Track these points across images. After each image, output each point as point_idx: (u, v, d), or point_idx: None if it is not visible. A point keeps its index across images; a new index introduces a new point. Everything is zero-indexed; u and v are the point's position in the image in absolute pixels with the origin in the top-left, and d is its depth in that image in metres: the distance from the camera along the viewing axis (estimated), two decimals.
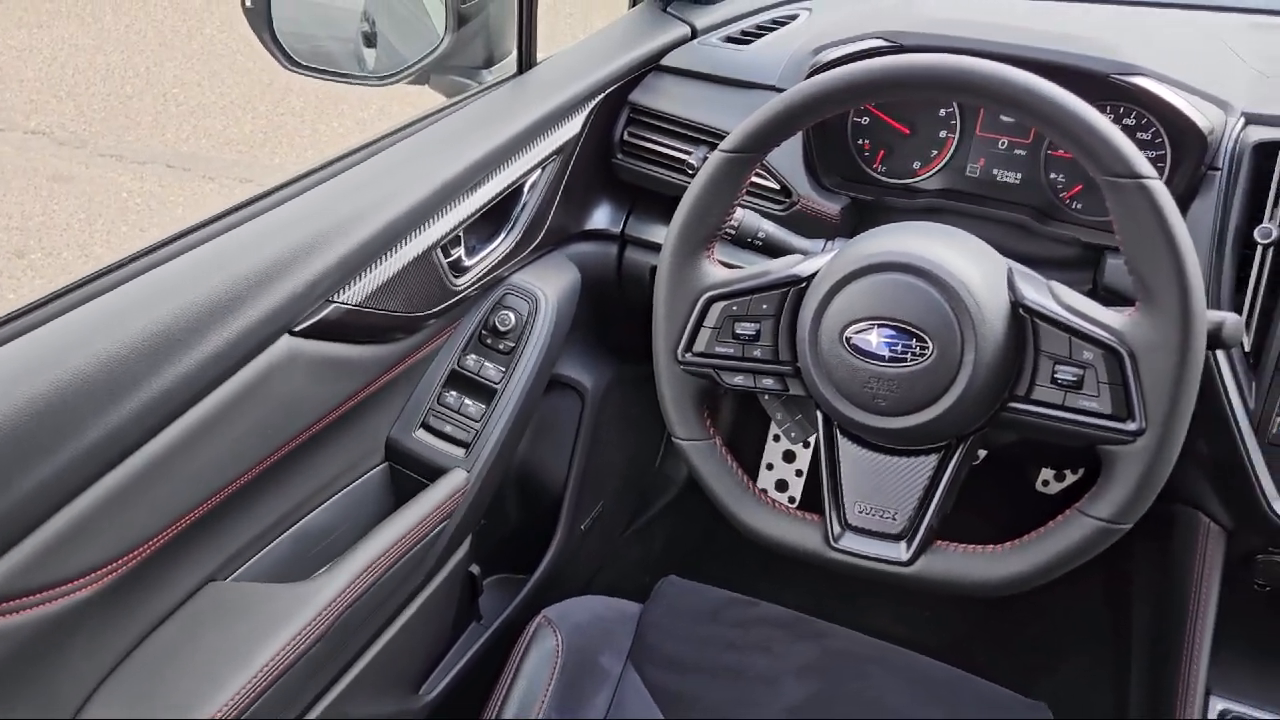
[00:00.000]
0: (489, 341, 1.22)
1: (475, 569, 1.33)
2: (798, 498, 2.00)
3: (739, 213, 1.06)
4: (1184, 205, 1.06)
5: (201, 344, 0.87)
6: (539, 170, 1.23)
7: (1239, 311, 1.04)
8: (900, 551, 0.91)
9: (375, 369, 1.09)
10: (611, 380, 1.53)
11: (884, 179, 1.26)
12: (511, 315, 1.23)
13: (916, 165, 1.24)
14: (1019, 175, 1.20)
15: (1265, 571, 1.15)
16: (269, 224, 0.98)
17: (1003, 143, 1.20)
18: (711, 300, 0.95)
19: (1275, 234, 1.01)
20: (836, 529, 0.93)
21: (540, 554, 1.49)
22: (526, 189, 1.23)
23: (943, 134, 1.22)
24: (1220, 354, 1.04)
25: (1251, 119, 1.05)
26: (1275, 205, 1.02)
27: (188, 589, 0.96)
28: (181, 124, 4.54)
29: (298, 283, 0.94)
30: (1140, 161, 0.79)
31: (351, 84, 1.33)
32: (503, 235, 1.23)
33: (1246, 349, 1.05)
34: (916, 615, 1.77)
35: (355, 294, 1.01)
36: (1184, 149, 1.07)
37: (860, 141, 1.26)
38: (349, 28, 1.30)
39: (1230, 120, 1.06)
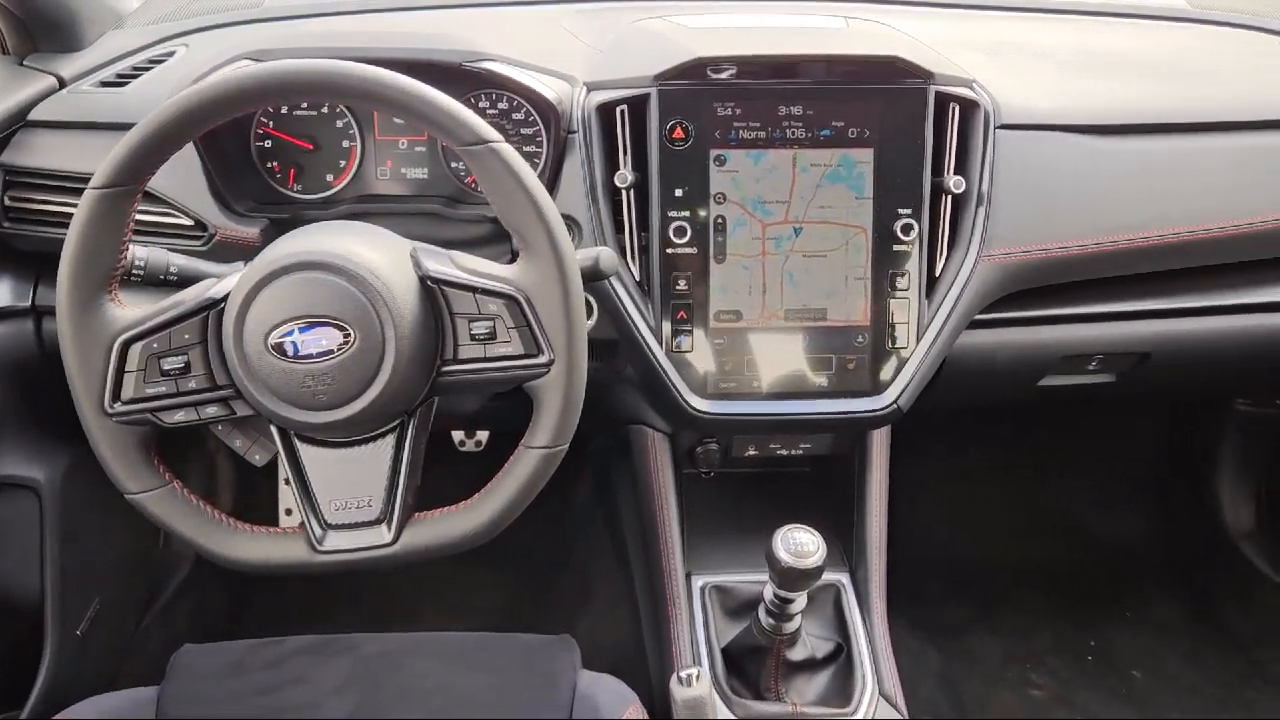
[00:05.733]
0: None
1: None
2: None
3: (144, 251, 1.02)
4: (559, 166, 1.21)
5: None
6: None
7: (622, 250, 1.21)
8: (383, 535, 0.95)
9: None
10: (70, 466, 1.39)
11: (301, 196, 1.28)
12: None
13: (330, 177, 1.28)
14: (425, 170, 1.29)
15: (705, 460, 1.36)
16: None
17: (403, 143, 1.28)
18: (128, 343, 0.91)
19: (630, 179, 1.20)
20: (318, 532, 0.94)
21: (31, 679, 1.32)
22: None
23: (346, 144, 1.28)
24: (619, 286, 1.21)
25: (592, 86, 1.23)
26: (624, 154, 1.21)
27: None
28: None
29: None
30: (485, 129, 0.90)
31: None
32: None
33: (637, 278, 1.22)
34: (463, 602, 1.84)
35: None
36: (546, 119, 1.22)
37: (269, 164, 1.28)
38: None
39: (576, 90, 1.23)
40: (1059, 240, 1.24)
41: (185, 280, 1.07)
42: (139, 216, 1.18)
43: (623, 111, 1.20)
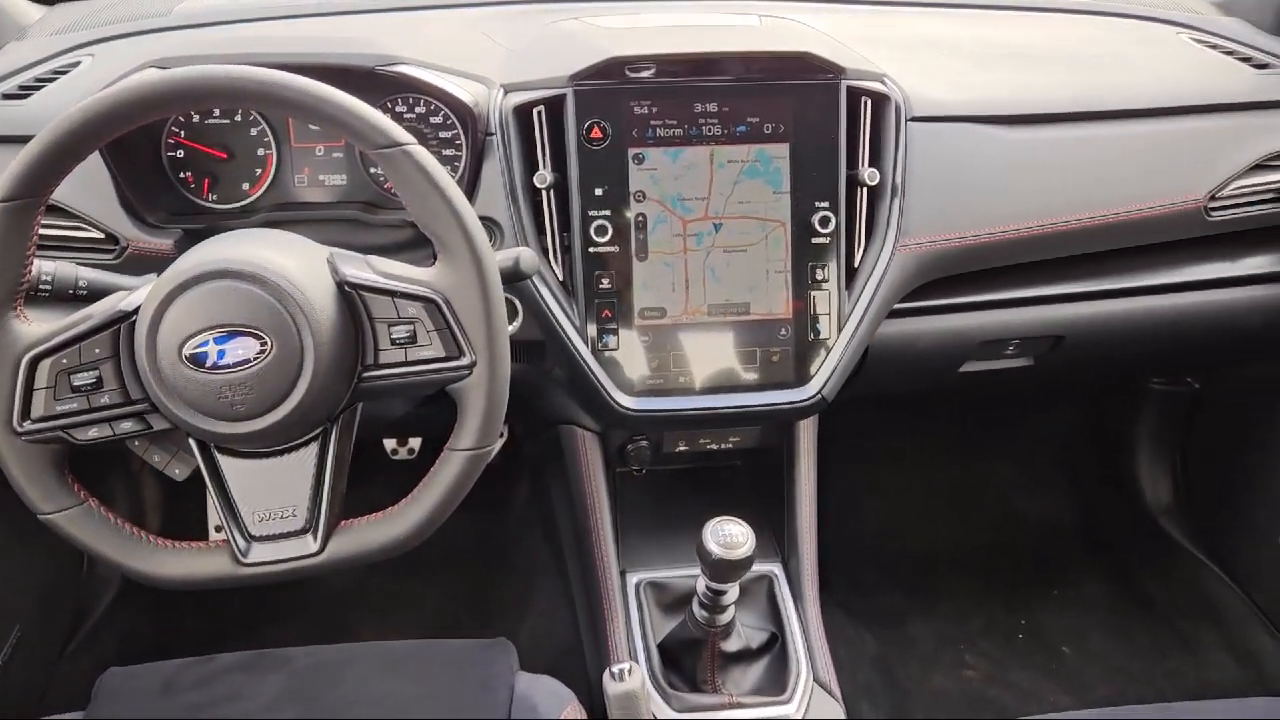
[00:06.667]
0: None
1: None
2: None
3: (50, 265, 1.00)
4: (478, 168, 1.21)
5: None
6: None
7: (545, 250, 1.22)
8: (309, 544, 0.94)
9: None
10: None
11: (217, 206, 1.26)
12: None
13: (246, 186, 1.26)
14: (344, 176, 1.28)
15: (636, 457, 1.36)
16: None
17: (320, 150, 1.27)
18: (36, 360, 0.89)
19: (550, 179, 1.20)
20: (242, 545, 0.93)
21: None
22: None
23: (261, 152, 1.26)
24: (543, 287, 1.21)
25: (508, 88, 1.23)
26: (543, 155, 1.21)
27: None
28: None
29: None
30: (397, 131, 0.89)
31: None
32: None
33: (561, 279, 1.23)
34: (403, 612, 1.82)
35: None
36: (463, 122, 1.22)
37: (183, 175, 1.25)
38: None
39: (493, 92, 1.23)
40: (972, 229, 1.28)
41: (95, 294, 1.05)
42: (47, 231, 1.15)
43: (540, 112, 1.20)
